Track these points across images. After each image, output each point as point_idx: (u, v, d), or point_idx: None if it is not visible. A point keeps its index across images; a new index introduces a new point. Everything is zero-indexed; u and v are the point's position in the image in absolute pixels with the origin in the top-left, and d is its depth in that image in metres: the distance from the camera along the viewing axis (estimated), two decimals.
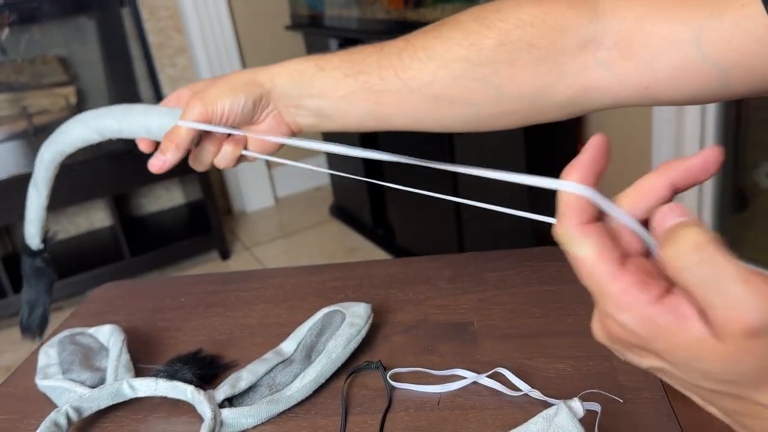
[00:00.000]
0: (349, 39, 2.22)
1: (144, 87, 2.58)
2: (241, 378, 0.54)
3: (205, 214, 2.38)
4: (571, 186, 0.31)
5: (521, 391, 0.51)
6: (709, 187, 1.85)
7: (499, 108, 0.54)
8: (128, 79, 2.56)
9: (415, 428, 0.49)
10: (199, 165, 0.61)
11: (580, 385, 0.50)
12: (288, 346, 0.58)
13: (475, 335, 0.59)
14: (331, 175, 2.79)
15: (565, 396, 0.48)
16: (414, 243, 2.18)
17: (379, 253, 2.32)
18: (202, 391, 0.52)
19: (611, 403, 0.48)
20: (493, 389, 0.52)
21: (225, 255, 2.45)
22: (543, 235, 1.95)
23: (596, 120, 2.00)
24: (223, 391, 0.52)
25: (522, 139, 1.83)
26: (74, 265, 2.26)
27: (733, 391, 0.28)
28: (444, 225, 1.99)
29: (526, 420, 0.44)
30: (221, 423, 0.50)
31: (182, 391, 0.53)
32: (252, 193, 2.86)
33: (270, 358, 0.56)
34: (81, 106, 2.51)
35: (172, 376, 0.54)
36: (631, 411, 0.48)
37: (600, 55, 0.49)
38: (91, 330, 0.63)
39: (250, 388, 0.54)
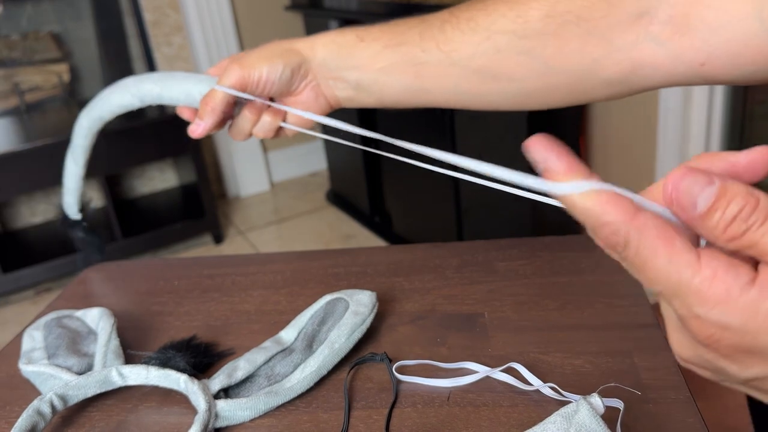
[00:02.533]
0: (349, 20, 2.17)
1: (139, 65, 2.53)
2: (238, 367, 0.51)
3: (199, 198, 2.33)
4: (586, 185, 0.26)
5: (535, 387, 0.48)
6: None
7: (544, 83, 0.52)
8: (123, 57, 2.51)
9: (424, 425, 0.46)
10: (237, 134, 0.60)
11: (599, 383, 0.47)
12: (288, 334, 0.55)
13: (485, 327, 0.56)
14: (327, 160, 2.76)
15: (584, 393, 0.45)
16: (411, 231, 2.15)
17: (375, 241, 2.29)
18: (196, 381, 0.49)
19: (633, 402, 0.45)
20: (507, 385, 0.49)
21: (218, 239, 2.42)
22: (542, 224, 1.92)
23: (600, 110, 1.97)
24: (218, 381, 0.49)
25: (525, 127, 1.80)
26: (65, 245, 2.22)
27: None
28: (442, 213, 1.96)
29: (542, 418, 0.41)
30: (216, 415, 0.47)
31: (175, 380, 0.49)
32: (247, 178, 2.82)
33: (269, 347, 0.53)
34: (74, 83, 2.46)
35: (164, 363, 0.51)
36: (655, 411, 0.45)
37: (653, 30, 0.47)
38: (79, 313, 0.60)
39: (247, 379, 0.51)
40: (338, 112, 0.59)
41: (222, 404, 0.48)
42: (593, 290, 0.58)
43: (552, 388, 0.47)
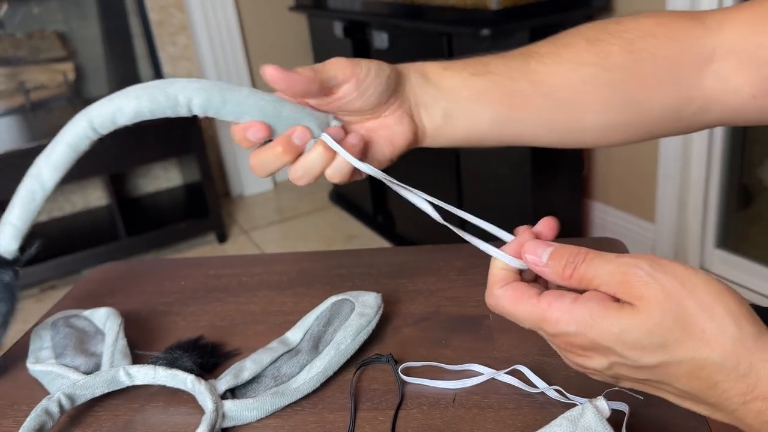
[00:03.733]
0: (354, 21, 2.18)
1: (143, 65, 2.54)
2: (245, 368, 0.51)
3: (203, 197, 2.34)
4: (498, 254, 0.43)
5: (540, 389, 0.48)
6: (714, 184, 1.83)
7: (625, 118, 0.54)
8: (128, 56, 2.52)
9: (429, 427, 0.46)
10: (303, 175, 0.49)
11: (603, 385, 0.47)
12: (294, 335, 0.55)
13: (490, 330, 0.56)
14: None
15: (589, 396, 0.46)
16: (414, 231, 2.15)
17: (378, 241, 2.29)
18: (203, 381, 0.49)
19: (637, 405, 0.45)
20: (512, 387, 0.49)
21: (222, 238, 2.42)
22: None
23: None
24: (225, 382, 0.50)
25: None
26: (68, 244, 2.23)
27: (664, 357, 0.34)
28: (444, 215, 1.96)
29: (547, 421, 0.42)
30: (223, 415, 0.47)
31: (182, 380, 0.50)
32: (250, 177, 2.82)
33: (275, 348, 0.53)
34: (79, 82, 2.47)
35: (171, 363, 0.51)
36: (658, 416, 0.45)
37: (714, 67, 0.51)
38: (87, 312, 0.60)
39: (254, 379, 0.51)
40: None
41: (229, 404, 0.48)
42: None
43: (557, 391, 0.47)
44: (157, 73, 2.55)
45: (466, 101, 0.52)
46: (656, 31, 0.51)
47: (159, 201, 2.59)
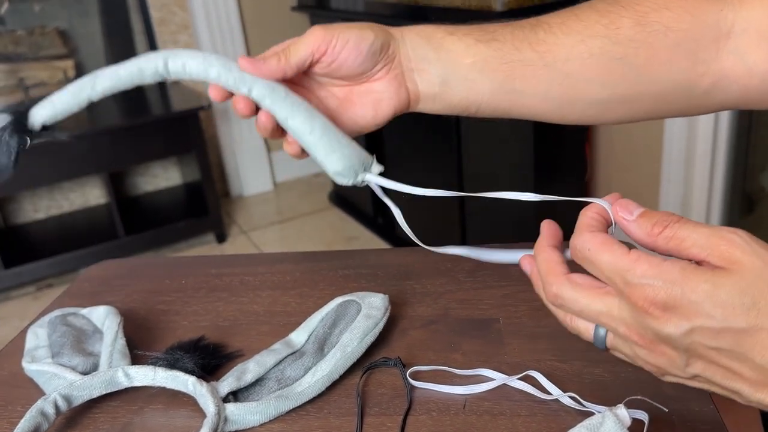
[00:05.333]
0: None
1: None
2: (248, 370, 0.49)
3: (203, 196, 2.32)
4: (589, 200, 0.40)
5: (554, 396, 0.47)
6: (718, 191, 1.82)
7: (634, 91, 0.52)
8: (129, 54, 2.49)
9: None
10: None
11: (620, 393, 0.46)
12: (298, 336, 0.53)
13: (500, 333, 0.55)
14: None
15: (605, 404, 0.44)
16: (414, 233, 2.13)
17: (378, 242, 2.28)
18: (204, 383, 0.47)
19: (656, 413, 0.44)
20: (525, 393, 0.47)
21: (221, 238, 2.40)
22: None
23: None
24: (227, 384, 0.48)
25: (531, 133, 1.78)
26: (66, 242, 2.21)
27: (755, 321, 0.32)
28: (447, 216, 1.95)
29: (562, 429, 0.40)
30: (225, 419, 0.46)
31: (183, 382, 0.48)
32: (250, 177, 2.81)
33: (279, 350, 0.52)
34: None
35: (171, 365, 0.50)
36: (678, 424, 0.43)
37: (731, 43, 0.49)
38: (85, 311, 0.58)
39: (257, 382, 0.49)
40: None
41: (231, 408, 0.46)
42: None
43: (572, 398, 0.46)
44: None
45: (468, 68, 0.51)
46: (671, 4, 0.49)
47: (158, 200, 2.57)
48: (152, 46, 2.50)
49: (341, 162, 0.51)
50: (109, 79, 0.52)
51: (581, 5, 0.52)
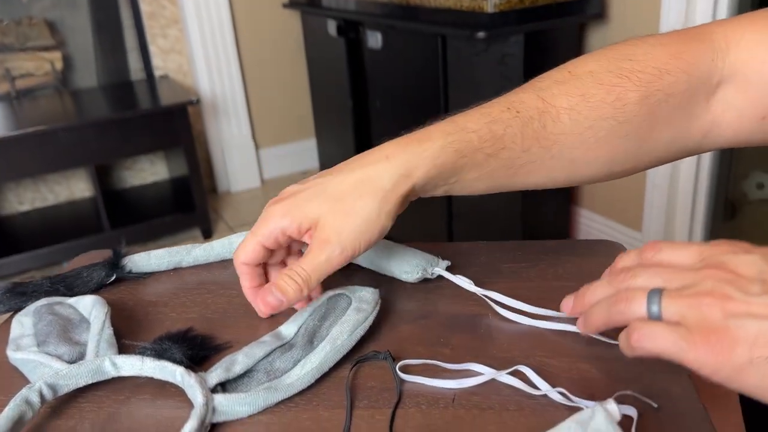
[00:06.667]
0: (348, 21, 2.16)
1: (133, 57, 2.51)
2: (236, 361, 0.49)
3: (189, 192, 2.31)
4: None
5: (543, 391, 0.47)
6: (702, 196, 1.84)
7: (634, 162, 0.53)
8: (117, 47, 2.48)
9: (428, 426, 0.45)
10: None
11: (608, 389, 0.46)
12: (288, 329, 0.53)
13: (489, 329, 0.55)
14: (320, 159, 2.74)
15: (593, 399, 0.44)
16: (402, 234, 2.13)
17: None
18: (193, 374, 0.47)
19: (645, 409, 0.44)
20: (514, 388, 0.47)
21: (207, 234, 2.39)
22: (531, 228, 1.91)
23: None
24: (216, 375, 0.48)
25: None
26: (51, 235, 2.19)
27: None
28: (434, 216, 1.95)
29: (550, 424, 0.40)
30: (213, 410, 0.45)
31: (171, 372, 0.48)
32: (238, 173, 2.80)
33: (268, 342, 0.51)
34: (66, 72, 2.43)
35: (160, 355, 0.49)
36: (667, 421, 0.44)
37: (720, 92, 0.49)
38: (72, 300, 0.58)
39: (246, 374, 0.49)
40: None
41: (220, 398, 0.46)
42: None
43: (561, 393, 0.46)
44: (147, 66, 2.52)
45: (474, 181, 0.52)
46: (670, 66, 0.49)
47: (144, 194, 2.56)
48: (141, 39, 2.48)
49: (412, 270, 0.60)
50: (203, 250, 0.66)
51: (579, 74, 0.51)
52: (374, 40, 2.03)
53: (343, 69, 2.22)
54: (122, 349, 0.53)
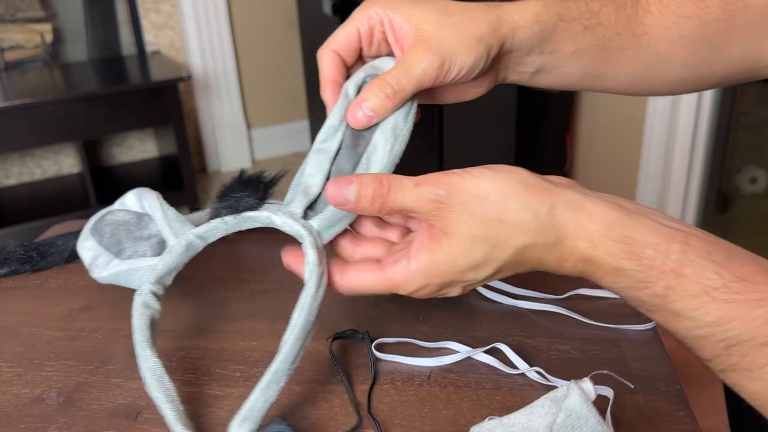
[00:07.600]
0: (343, 0, 2.14)
1: (125, 31, 2.48)
2: (310, 184, 0.47)
3: (178, 170, 2.29)
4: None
5: (520, 370, 0.46)
6: (694, 188, 1.83)
7: (708, 71, 0.52)
8: (109, 21, 2.45)
9: (402, 403, 0.44)
10: None
11: (586, 370, 0.45)
12: (329, 144, 0.49)
13: (470, 308, 0.54)
14: (312, 142, 2.72)
15: (571, 379, 0.43)
16: None
17: None
18: (279, 212, 0.45)
19: (622, 391, 0.43)
20: (491, 367, 0.47)
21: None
22: None
23: (588, 109, 1.96)
24: (299, 203, 0.45)
25: (513, 121, 1.78)
26: (37, 209, 2.17)
27: (497, 263, 0.39)
28: (424, 172, 1.94)
29: (526, 402, 0.39)
30: (318, 233, 0.44)
31: (254, 219, 0.46)
32: (228, 153, 2.77)
33: (323, 149, 0.48)
34: (56, 45, 2.39)
35: (235, 209, 0.47)
36: (644, 402, 0.43)
37: None
38: (116, 204, 0.55)
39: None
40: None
41: (316, 222, 0.44)
42: (580, 280, 0.56)
43: (538, 372, 0.45)
44: (139, 41, 2.48)
45: (566, 57, 0.49)
46: None
47: (133, 171, 2.53)
48: (133, 14, 2.45)
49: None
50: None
51: None
52: None
53: None
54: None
